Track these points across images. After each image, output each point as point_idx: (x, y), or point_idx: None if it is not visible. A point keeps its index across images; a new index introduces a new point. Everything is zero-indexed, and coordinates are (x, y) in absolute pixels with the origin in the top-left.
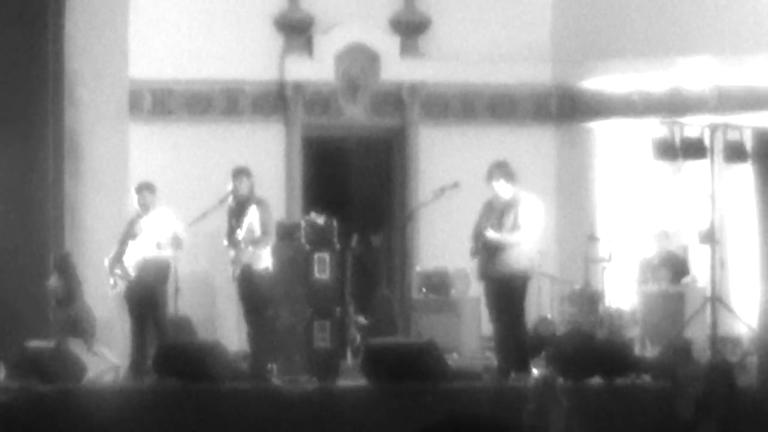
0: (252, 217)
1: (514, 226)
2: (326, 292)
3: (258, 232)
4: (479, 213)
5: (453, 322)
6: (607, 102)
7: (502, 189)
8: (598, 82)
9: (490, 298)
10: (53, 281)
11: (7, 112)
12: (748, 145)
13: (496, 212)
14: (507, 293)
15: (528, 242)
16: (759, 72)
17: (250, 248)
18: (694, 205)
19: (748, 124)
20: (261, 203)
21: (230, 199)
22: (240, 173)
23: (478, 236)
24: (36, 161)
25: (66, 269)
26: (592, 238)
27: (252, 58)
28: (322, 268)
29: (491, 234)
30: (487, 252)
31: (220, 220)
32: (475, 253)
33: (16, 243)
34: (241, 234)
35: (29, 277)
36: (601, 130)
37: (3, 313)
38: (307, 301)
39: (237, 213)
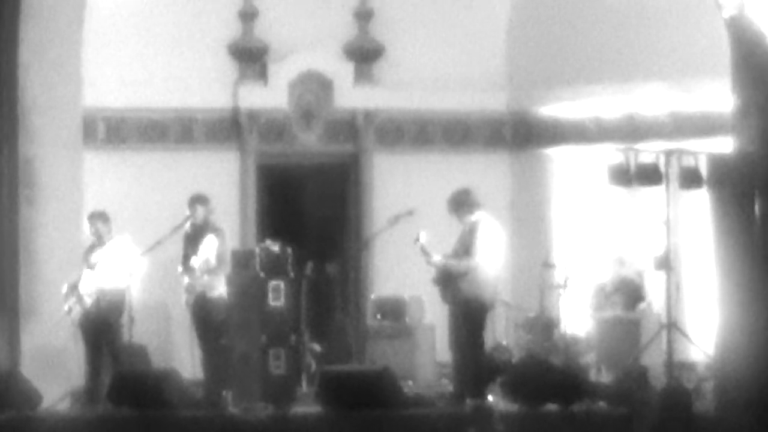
0: (208, 246)
1: (467, 253)
2: (281, 320)
3: (213, 261)
4: None
5: (408, 349)
6: (562, 128)
7: (462, 218)
8: (552, 109)
9: (450, 323)
10: None
11: None
12: (703, 170)
13: (457, 239)
14: (464, 320)
15: (486, 269)
16: (713, 98)
17: (205, 277)
18: (649, 232)
19: (703, 149)
20: (217, 232)
21: (187, 226)
22: (197, 201)
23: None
24: None
25: None
26: (547, 265)
27: (206, 85)
28: (277, 295)
29: (436, 260)
30: (444, 278)
31: (174, 248)
32: (434, 280)
33: None
34: (196, 262)
35: None
36: (555, 156)
37: None
38: (261, 328)
39: (193, 240)
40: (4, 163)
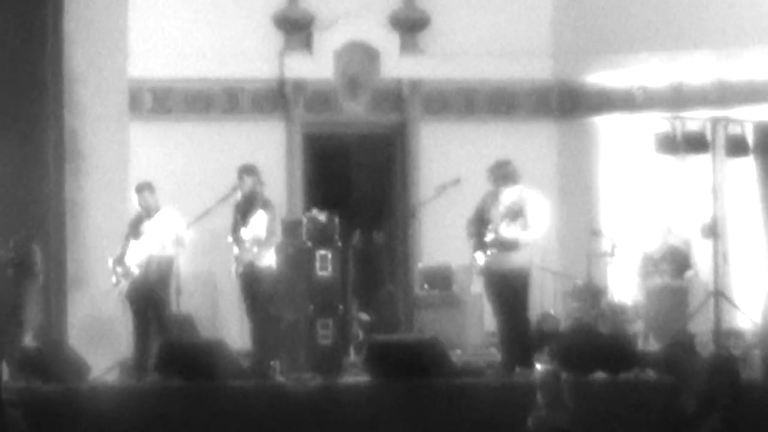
0: (258, 221)
1: (525, 225)
2: (328, 289)
3: (264, 235)
4: (479, 203)
5: (456, 318)
6: (608, 97)
7: (507, 188)
8: (599, 77)
9: (494, 293)
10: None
11: (7, 113)
12: (750, 138)
13: (503, 209)
14: (511, 289)
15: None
16: (760, 65)
17: (254, 249)
18: (696, 200)
19: (749, 117)
20: (267, 206)
21: (238, 195)
22: (245, 171)
23: (478, 226)
24: (37, 161)
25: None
26: (594, 233)
27: (252, 55)
28: (324, 265)
29: (505, 230)
30: (493, 247)
31: (221, 219)
32: (470, 236)
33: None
34: (246, 234)
35: None
36: (602, 124)
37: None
38: (309, 298)
39: (243, 210)
40: (50, 135)
